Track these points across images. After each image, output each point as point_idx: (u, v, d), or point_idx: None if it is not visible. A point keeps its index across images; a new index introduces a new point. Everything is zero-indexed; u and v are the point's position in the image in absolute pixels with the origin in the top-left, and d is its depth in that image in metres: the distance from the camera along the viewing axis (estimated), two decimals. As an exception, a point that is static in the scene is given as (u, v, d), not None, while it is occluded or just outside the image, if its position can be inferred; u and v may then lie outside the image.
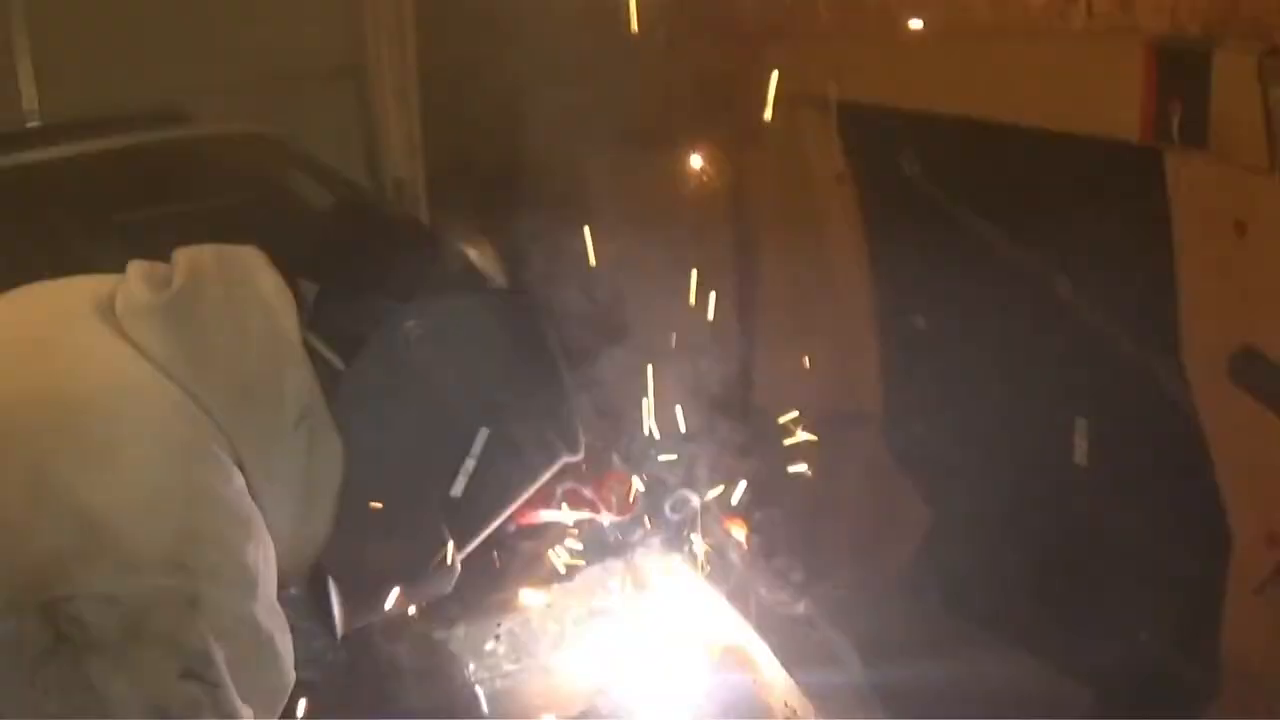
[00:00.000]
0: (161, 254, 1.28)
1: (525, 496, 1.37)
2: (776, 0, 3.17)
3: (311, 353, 1.22)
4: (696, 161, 3.67)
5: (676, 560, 1.80)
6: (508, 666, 1.58)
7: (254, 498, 1.14)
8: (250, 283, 1.20)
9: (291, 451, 1.17)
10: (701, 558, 1.86)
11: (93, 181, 3.01)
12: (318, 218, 1.40)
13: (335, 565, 1.27)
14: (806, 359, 3.02)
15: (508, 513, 1.36)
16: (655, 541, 1.82)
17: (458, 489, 1.28)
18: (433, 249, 1.33)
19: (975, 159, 2.49)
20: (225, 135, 3.27)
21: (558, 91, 4.41)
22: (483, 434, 1.27)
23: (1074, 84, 2.14)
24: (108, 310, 1.17)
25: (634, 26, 3.33)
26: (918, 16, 2.69)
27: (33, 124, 3.97)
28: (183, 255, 1.22)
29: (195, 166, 3.15)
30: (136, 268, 1.22)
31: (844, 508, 3.15)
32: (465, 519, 1.31)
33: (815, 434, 3.29)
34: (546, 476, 1.39)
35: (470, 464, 1.27)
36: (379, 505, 1.25)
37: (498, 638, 1.58)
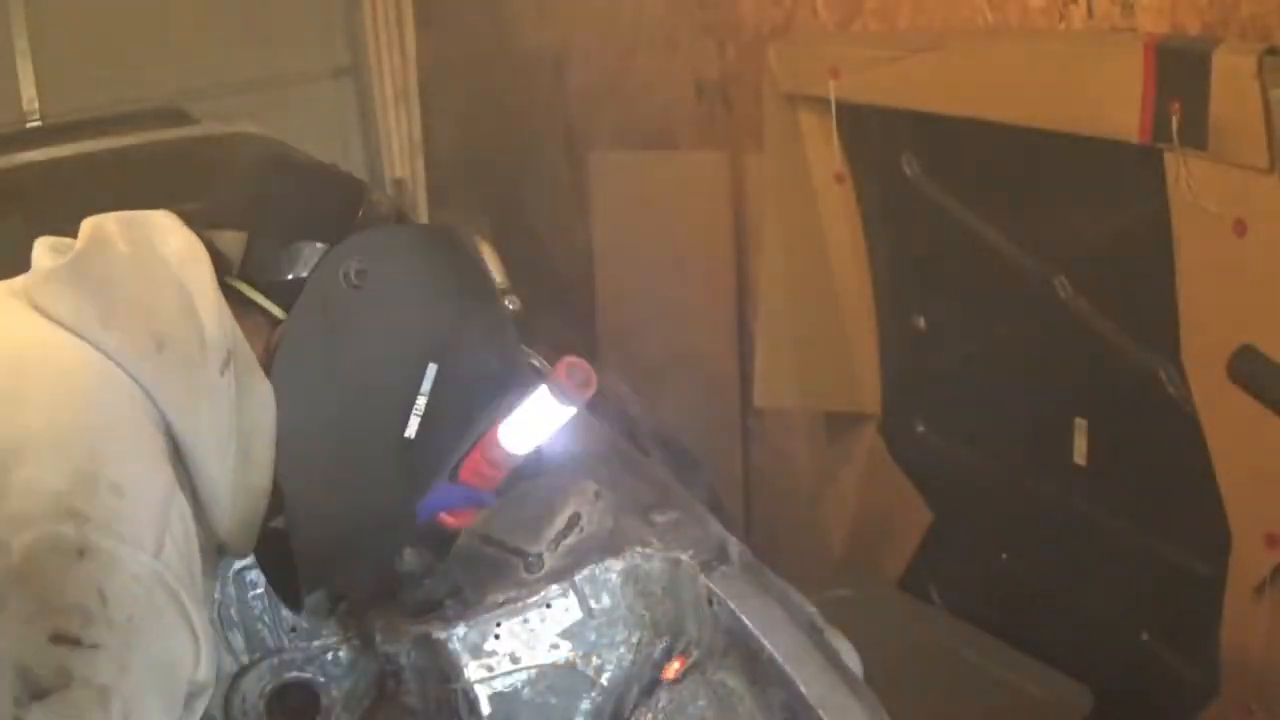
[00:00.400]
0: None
1: (479, 431, 1.36)
2: (776, 0, 3.17)
3: (246, 303, 1.20)
4: (696, 161, 3.68)
5: None
6: (508, 666, 1.58)
7: (184, 454, 1.12)
8: (158, 239, 1.18)
9: (219, 400, 1.14)
10: None
11: (93, 181, 3.01)
12: (242, 168, 1.38)
13: (293, 526, 1.24)
14: (806, 359, 3.03)
15: (462, 451, 1.33)
16: None
17: (411, 430, 1.25)
18: (359, 191, 1.30)
19: (975, 159, 2.49)
20: (225, 135, 3.26)
21: (559, 91, 4.42)
22: (431, 370, 1.24)
23: (1074, 84, 2.14)
24: (19, 289, 1.17)
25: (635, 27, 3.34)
26: (918, 16, 2.70)
27: (33, 124, 3.97)
28: (87, 223, 1.21)
29: (195, 166, 3.15)
30: (42, 241, 1.21)
31: (844, 508, 3.16)
32: (421, 460, 1.29)
33: (815, 434, 3.30)
34: (496, 409, 1.38)
35: (422, 402, 1.24)
36: (331, 456, 1.23)
37: (498, 638, 1.58)
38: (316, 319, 1.21)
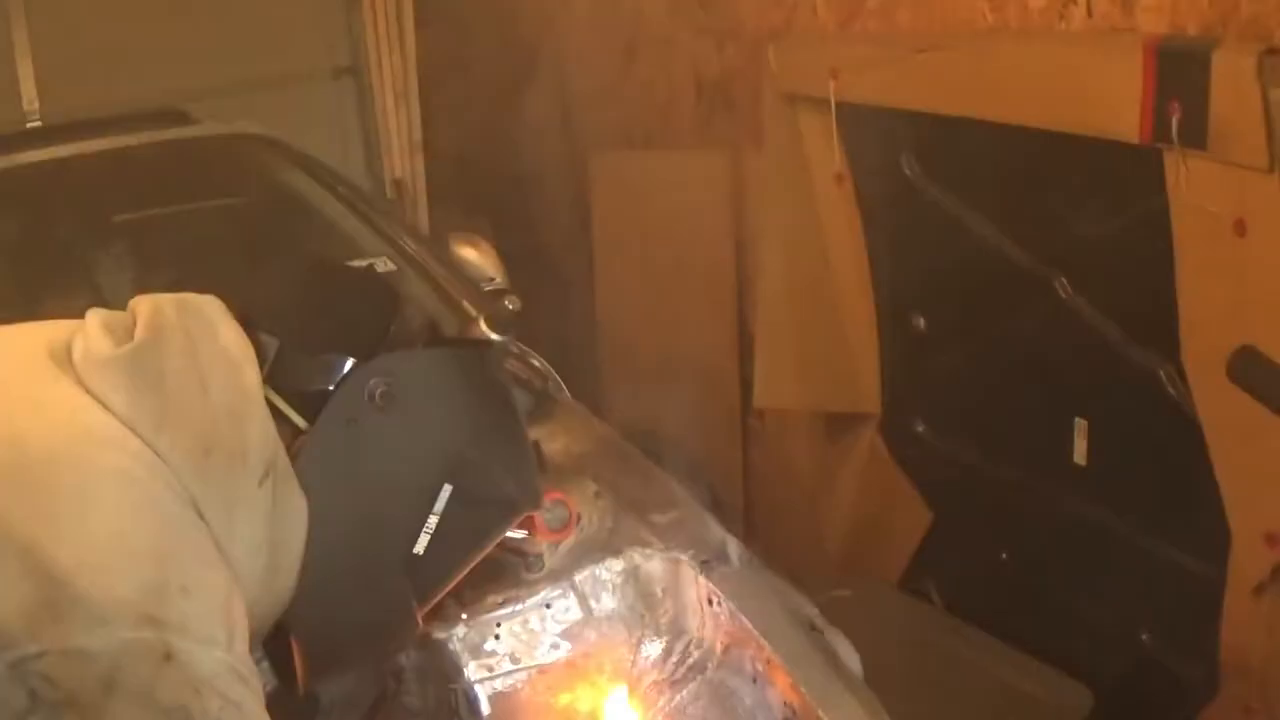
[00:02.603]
0: (161, 254, 1.28)
1: (487, 551, 1.38)
2: (776, 0, 3.17)
3: (271, 410, 1.20)
4: (696, 161, 3.68)
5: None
6: (508, 666, 1.58)
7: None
8: (212, 335, 1.18)
9: (255, 511, 1.15)
10: None
11: (93, 181, 3.01)
12: (279, 269, 1.38)
13: (297, 624, 1.25)
14: (806, 359, 3.03)
15: (470, 567, 1.35)
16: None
17: (420, 546, 1.27)
18: (394, 305, 1.31)
19: (975, 159, 2.49)
20: (225, 135, 3.26)
21: (559, 91, 4.42)
22: (446, 491, 1.27)
23: (1074, 84, 2.14)
24: (64, 359, 1.14)
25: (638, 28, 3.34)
26: (918, 16, 2.70)
27: (33, 124, 3.97)
28: (143, 304, 1.20)
29: (195, 166, 3.15)
30: (95, 315, 1.19)
31: (844, 508, 3.16)
32: (427, 575, 1.31)
33: (815, 434, 3.30)
34: (507, 530, 1.40)
35: (433, 521, 1.27)
36: (342, 565, 1.24)
37: (497, 638, 1.58)
38: (338, 434, 1.22)
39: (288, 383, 1.22)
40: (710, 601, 1.58)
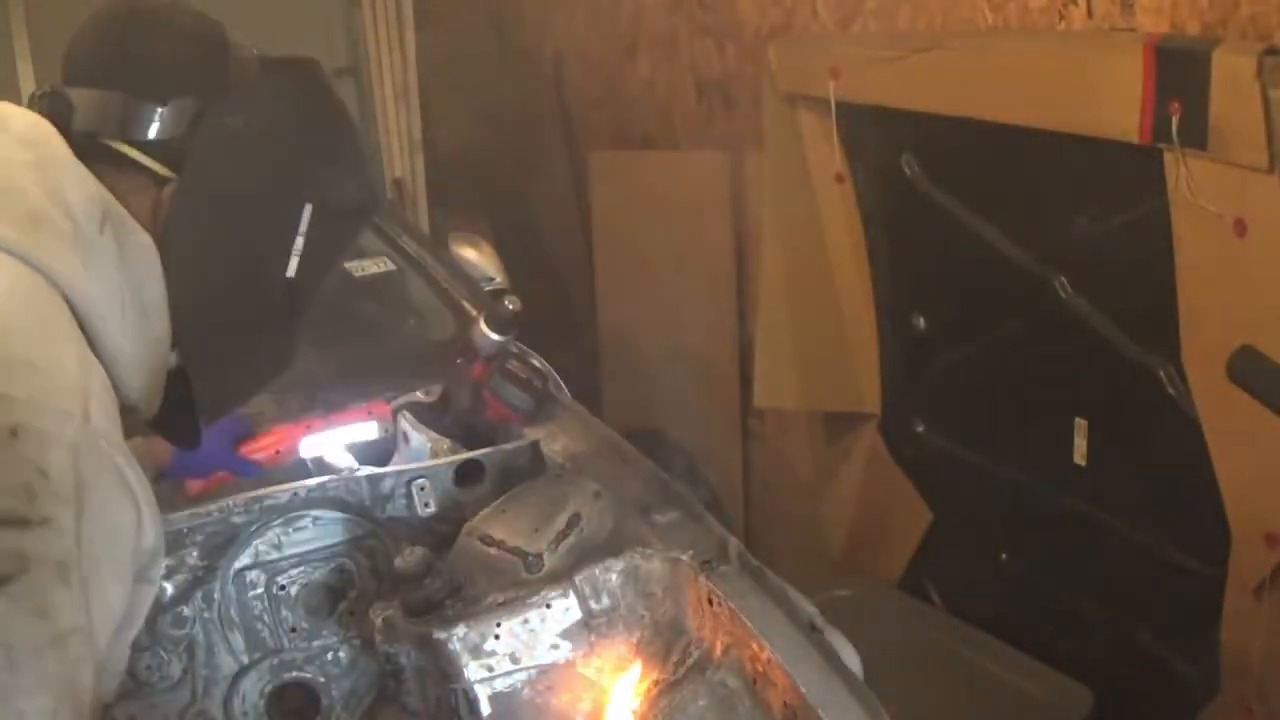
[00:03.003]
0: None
1: (344, 260, 1.42)
2: (776, 0, 3.17)
3: (127, 163, 1.24)
4: (696, 161, 3.68)
5: None
6: (508, 666, 1.58)
7: (83, 320, 1.14)
8: (4, 127, 1.21)
9: (104, 259, 1.18)
10: None
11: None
12: (104, 22, 1.39)
13: (190, 366, 1.30)
14: (806, 359, 3.03)
15: (329, 279, 1.41)
16: None
17: (292, 269, 1.34)
18: (222, 37, 1.34)
19: (975, 159, 2.49)
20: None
21: (559, 91, 4.42)
22: (308, 210, 1.33)
23: (1074, 84, 2.14)
24: None
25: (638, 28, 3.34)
26: (918, 16, 2.70)
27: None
28: None
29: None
30: None
31: (844, 508, 3.16)
32: (299, 294, 1.37)
33: (815, 434, 3.30)
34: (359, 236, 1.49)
35: (300, 242, 1.33)
36: (224, 302, 1.30)
37: (497, 638, 1.58)
38: (205, 173, 1.26)
39: (143, 134, 1.25)
40: (710, 601, 1.58)
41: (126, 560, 1.09)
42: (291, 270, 1.33)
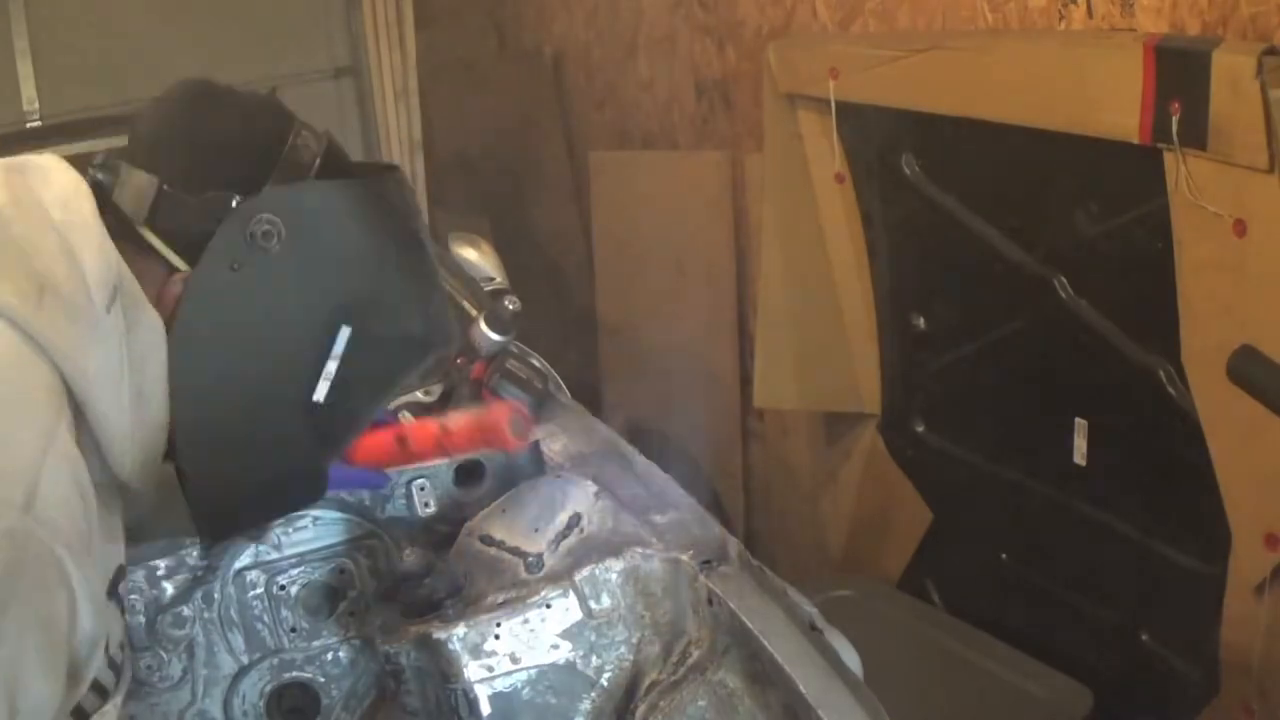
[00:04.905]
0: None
1: (396, 395, 1.36)
2: (776, 0, 3.17)
3: (150, 250, 1.19)
4: (696, 161, 3.68)
5: None
6: (508, 666, 1.58)
7: (77, 396, 1.10)
8: (36, 184, 1.16)
9: (107, 337, 1.12)
10: None
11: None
12: (161, 105, 1.34)
13: (191, 475, 1.24)
14: (806, 359, 3.03)
15: (378, 413, 1.34)
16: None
17: (320, 394, 1.23)
18: (285, 130, 1.25)
19: (975, 159, 2.49)
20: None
21: (559, 91, 4.42)
22: (344, 333, 1.22)
23: (1074, 84, 2.14)
24: None
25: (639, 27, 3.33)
26: (918, 16, 2.70)
27: (33, 124, 3.97)
28: None
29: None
30: None
31: (844, 508, 3.16)
32: (333, 423, 1.28)
33: (815, 434, 3.30)
34: (419, 372, 1.36)
35: (332, 367, 1.23)
36: (232, 415, 1.22)
37: (498, 638, 1.58)
38: (222, 276, 1.19)
39: (169, 222, 1.19)
40: (710, 601, 1.58)
41: (58, 652, 1.04)
42: (320, 395, 1.23)
